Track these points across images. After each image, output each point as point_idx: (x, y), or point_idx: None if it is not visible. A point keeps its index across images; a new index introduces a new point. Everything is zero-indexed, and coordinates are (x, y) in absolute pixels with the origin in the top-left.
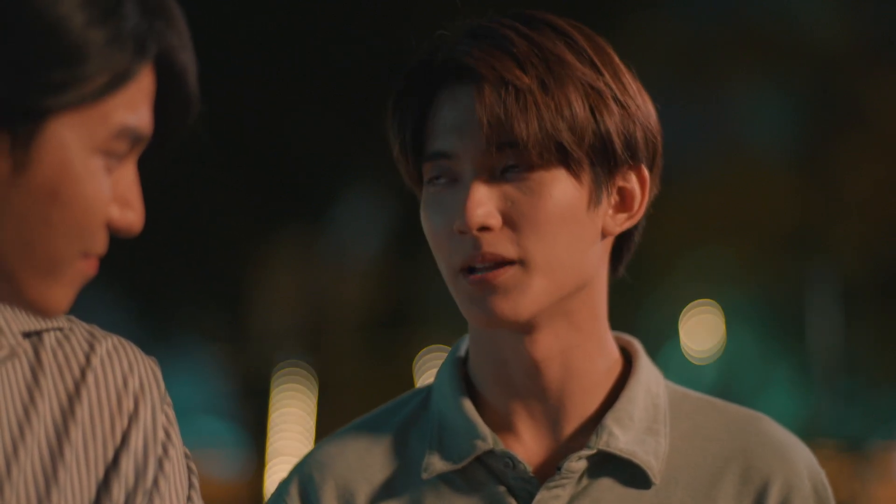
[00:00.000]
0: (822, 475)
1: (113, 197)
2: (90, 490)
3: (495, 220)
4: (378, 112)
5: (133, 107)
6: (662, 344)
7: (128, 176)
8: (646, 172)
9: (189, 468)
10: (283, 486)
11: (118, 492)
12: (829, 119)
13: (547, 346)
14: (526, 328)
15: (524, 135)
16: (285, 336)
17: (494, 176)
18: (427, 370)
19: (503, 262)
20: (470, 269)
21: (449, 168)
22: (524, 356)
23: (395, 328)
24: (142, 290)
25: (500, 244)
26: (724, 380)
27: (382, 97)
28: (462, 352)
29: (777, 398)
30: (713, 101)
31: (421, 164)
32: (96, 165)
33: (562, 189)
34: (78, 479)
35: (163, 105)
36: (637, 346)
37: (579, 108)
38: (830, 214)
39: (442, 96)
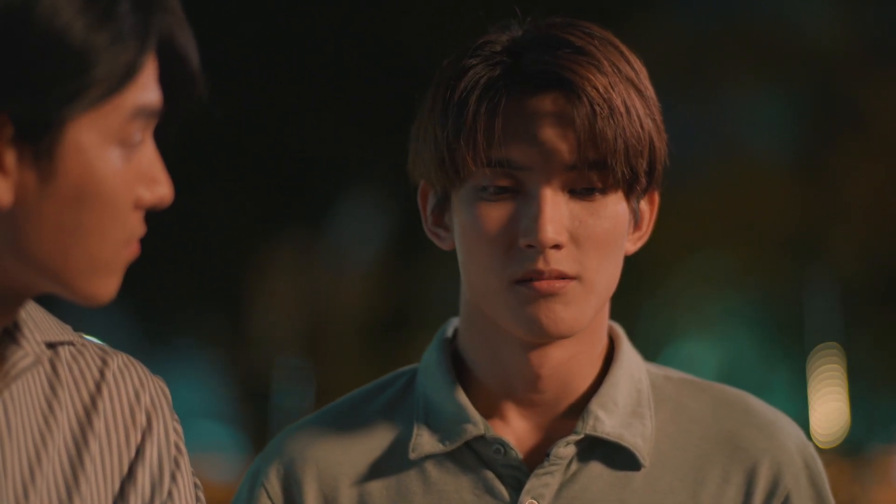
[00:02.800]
0: (811, 448)
1: (139, 178)
2: (107, 501)
3: (565, 238)
4: (377, 115)
5: (142, 89)
6: (662, 348)
7: (148, 153)
8: (657, 196)
9: (195, 483)
10: (262, 467)
11: (135, 503)
12: (828, 122)
13: (554, 358)
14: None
15: (613, 156)
16: (285, 339)
17: (563, 192)
18: None
19: (564, 277)
20: (528, 280)
21: (516, 178)
22: (528, 371)
23: (394, 332)
24: (141, 294)
25: (565, 261)
26: (722, 383)
27: (382, 100)
28: (449, 333)
29: (776, 402)
30: (712, 103)
31: (479, 167)
32: (115, 157)
33: (620, 211)
34: (96, 490)
35: (169, 82)
36: (619, 330)
37: (646, 131)
38: (829, 218)
39: (517, 102)
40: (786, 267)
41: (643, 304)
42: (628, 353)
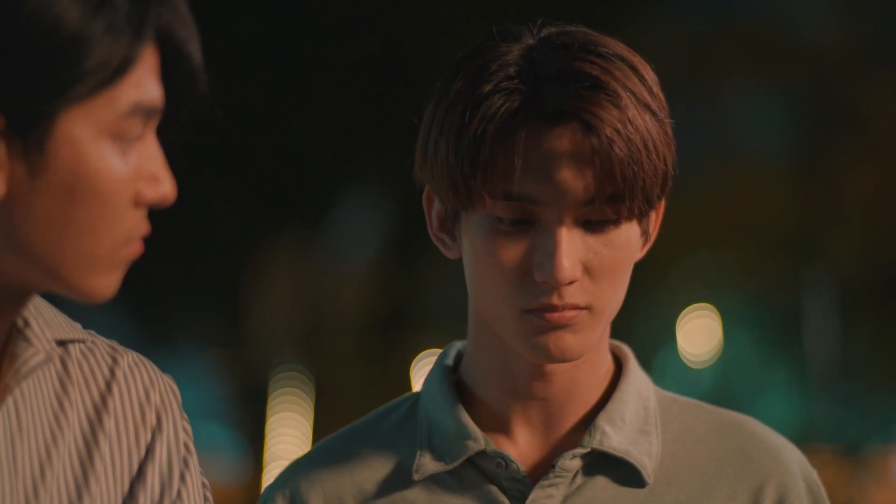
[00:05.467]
0: (815, 474)
1: (139, 175)
2: (117, 500)
3: (580, 272)
4: (376, 117)
5: (139, 85)
6: (660, 348)
7: (150, 151)
8: (663, 202)
9: (203, 483)
10: (269, 494)
11: (144, 502)
12: (827, 123)
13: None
14: None
15: (631, 191)
16: (283, 340)
17: (577, 225)
18: (424, 375)
19: (576, 308)
20: (539, 309)
21: (530, 212)
22: (535, 369)
23: (392, 332)
24: (140, 294)
25: (578, 294)
26: (721, 384)
27: (381, 102)
28: (450, 360)
29: (774, 402)
30: (711, 104)
31: (496, 199)
32: (110, 152)
33: (633, 237)
34: (106, 488)
35: (170, 79)
36: (626, 351)
37: (662, 160)
38: (828, 218)
39: (531, 135)
40: (784, 267)
41: (641, 304)
42: (636, 372)
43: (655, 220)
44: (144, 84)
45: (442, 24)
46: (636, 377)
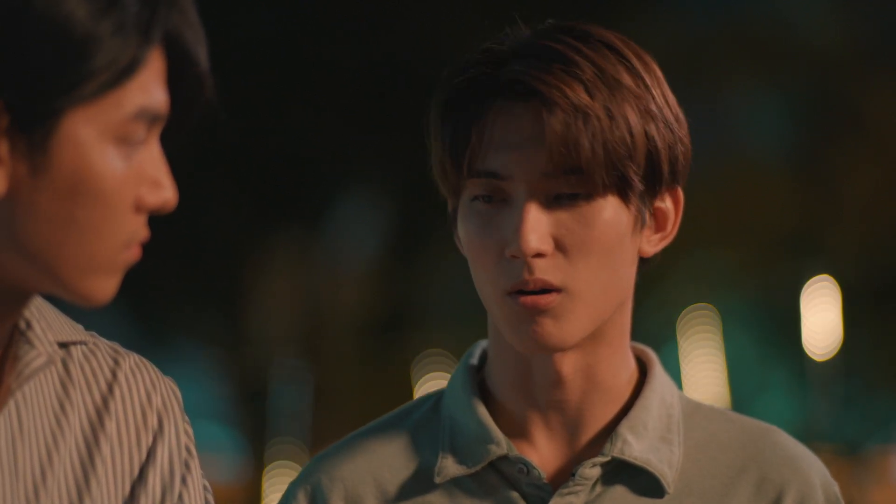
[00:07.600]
0: (836, 487)
1: (141, 179)
2: (118, 502)
3: (548, 247)
4: (375, 116)
5: (145, 89)
6: (659, 347)
7: (152, 156)
8: (681, 193)
9: (204, 486)
10: (292, 489)
11: None
12: (827, 123)
13: (574, 361)
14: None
15: (590, 162)
16: (282, 340)
17: (548, 200)
18: (424, 374)
19: (549, 289)
20: (518, 292)
21: (500, 188)
22: (550, 370)
23: (391, 332)
24: (139, 294)
25: (549, 271)
26: (720, 383)
27: (379, 101)
28: (475, 359)
29: (774, 402)
30: (711, 104)
31: (465, 178)
32: (113, 155)
33: (613, 216)
34: (107, 491)
35: (176, 84)
36: (652, 355)
37: (638, 134)
38: (828, 218)
39: (497, 113)
40: (784, 266)
41: (641, 303)
42: (661, 378)
43: (675, 212)
44: (151, 89)
45: (443, 24)
46: (661, 383)
